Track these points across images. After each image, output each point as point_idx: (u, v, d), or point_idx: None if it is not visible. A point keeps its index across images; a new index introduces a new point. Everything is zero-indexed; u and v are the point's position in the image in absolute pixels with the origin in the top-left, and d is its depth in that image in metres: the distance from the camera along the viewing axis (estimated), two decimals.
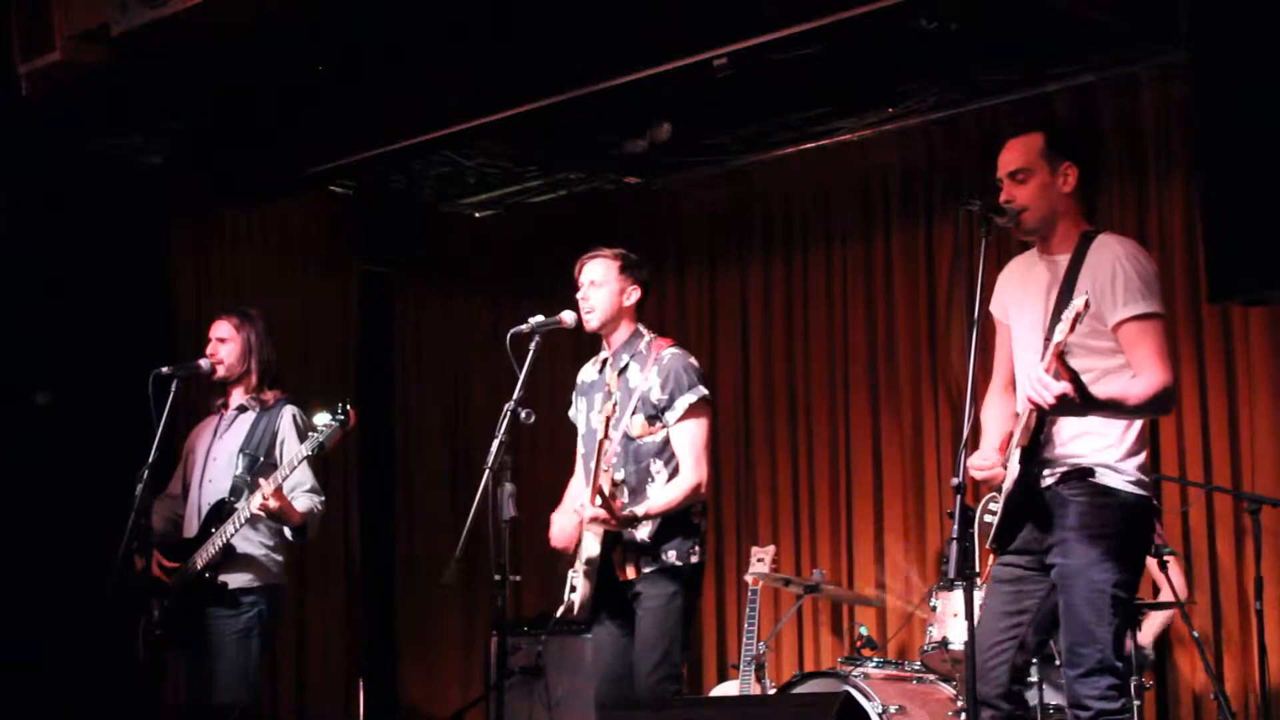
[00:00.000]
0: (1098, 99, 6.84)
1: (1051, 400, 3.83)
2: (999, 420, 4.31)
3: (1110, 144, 6.84)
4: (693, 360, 5.12)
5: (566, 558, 5.13)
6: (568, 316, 5.08)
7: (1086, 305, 3.78)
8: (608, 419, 4.87)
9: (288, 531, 5.67)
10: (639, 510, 4.91)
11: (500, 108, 6.52)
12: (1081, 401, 3.86)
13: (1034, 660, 4.21)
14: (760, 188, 8.04)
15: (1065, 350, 3.88)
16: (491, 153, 7.79)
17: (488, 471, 4.65)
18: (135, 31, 5.56)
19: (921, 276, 7.44)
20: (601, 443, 4.89)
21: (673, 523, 4.97)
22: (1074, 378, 3.84)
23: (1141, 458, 4.13)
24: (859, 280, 7.68)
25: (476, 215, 8.84)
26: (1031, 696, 5.42)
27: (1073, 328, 3.79)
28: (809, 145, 7.56)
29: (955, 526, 3.85)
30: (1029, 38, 6.29)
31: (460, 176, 8.15)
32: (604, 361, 5.20)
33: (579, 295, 5.11)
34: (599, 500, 4.84)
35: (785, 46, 5.80)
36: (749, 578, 6.52)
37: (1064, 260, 4.16)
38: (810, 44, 5.86)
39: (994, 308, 4.39)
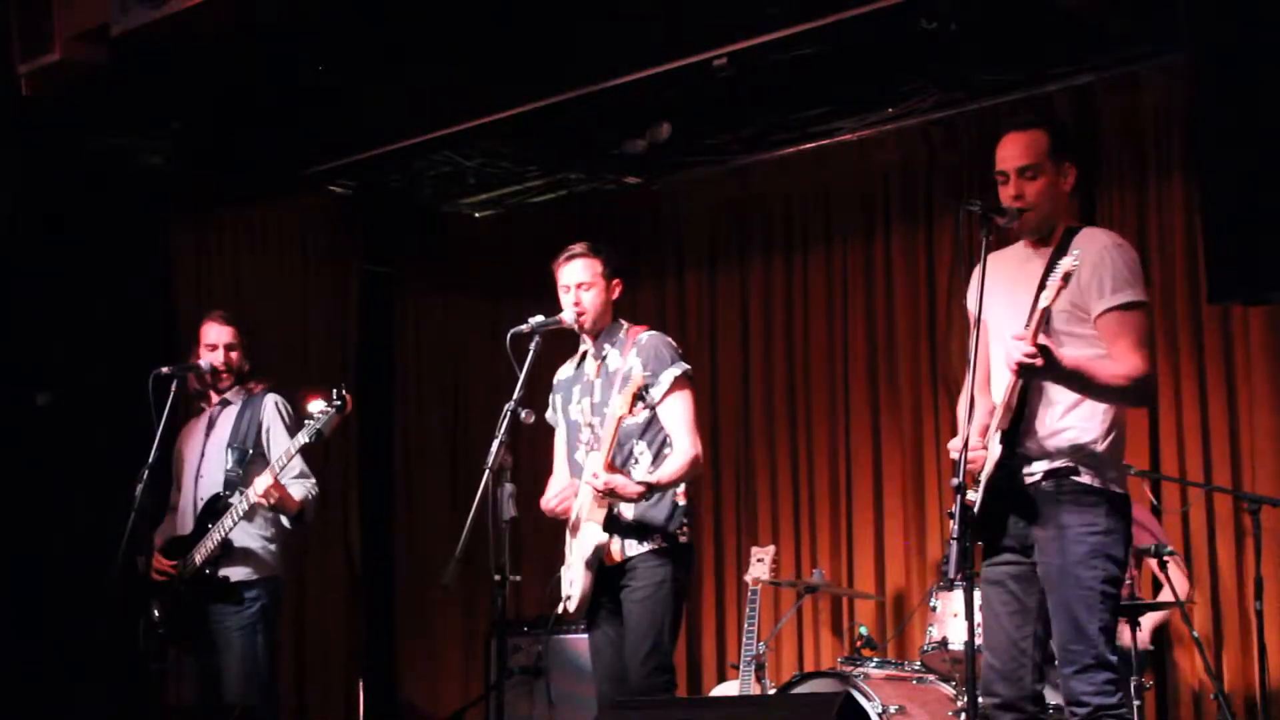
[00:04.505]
0: (1098, 99, 6.84)
1: (1028, 352, 3.86)
2: (978, 416, 4.31)
3: (1110, 144, 6.84)
4: (670, 340, 5.14)
5: (561, 554, 5.13)
6: (568, 316, 5.09)
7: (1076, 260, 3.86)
8: (634, 395, 4.82)
9: (285, 520, 5.69)
10: (650, 480, 4.89)
11: (500, 108, 6.53)
12: (1051, 364, 3.91)
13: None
14: (760, 188, 8.04)
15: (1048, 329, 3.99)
16: (491, 153, 7.79)
17: (488, 471, 4.66)
18: (135, 31, 5.57)
19: (921, 276, 7.43)
20: (621, 419, 4.86)
21: (658, 501, 4.96)
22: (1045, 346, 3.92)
23: (1121, 455, 4.18)
24: (859, 280, 7.68)
25: (476, 215, 8.84)
26: None
27: (1062, 287, 3.86)
28: (809, 145, 7.56)
29: (955, 526, 3.86)
30: (1029, 38, 6.30)
31: (460, 176, 8.15)
32: (582, 355, 5.21)
33: (569, 300, 5.10)
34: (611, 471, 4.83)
35: (785, 46, 5.80)
36: (749, 578, 6.52)
37: (1048, 250, 4.19)
38: (810, 44, 5.87)
39: (970, 303, 4.39)
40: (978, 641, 4.02)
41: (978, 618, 4.00)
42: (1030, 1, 5.94)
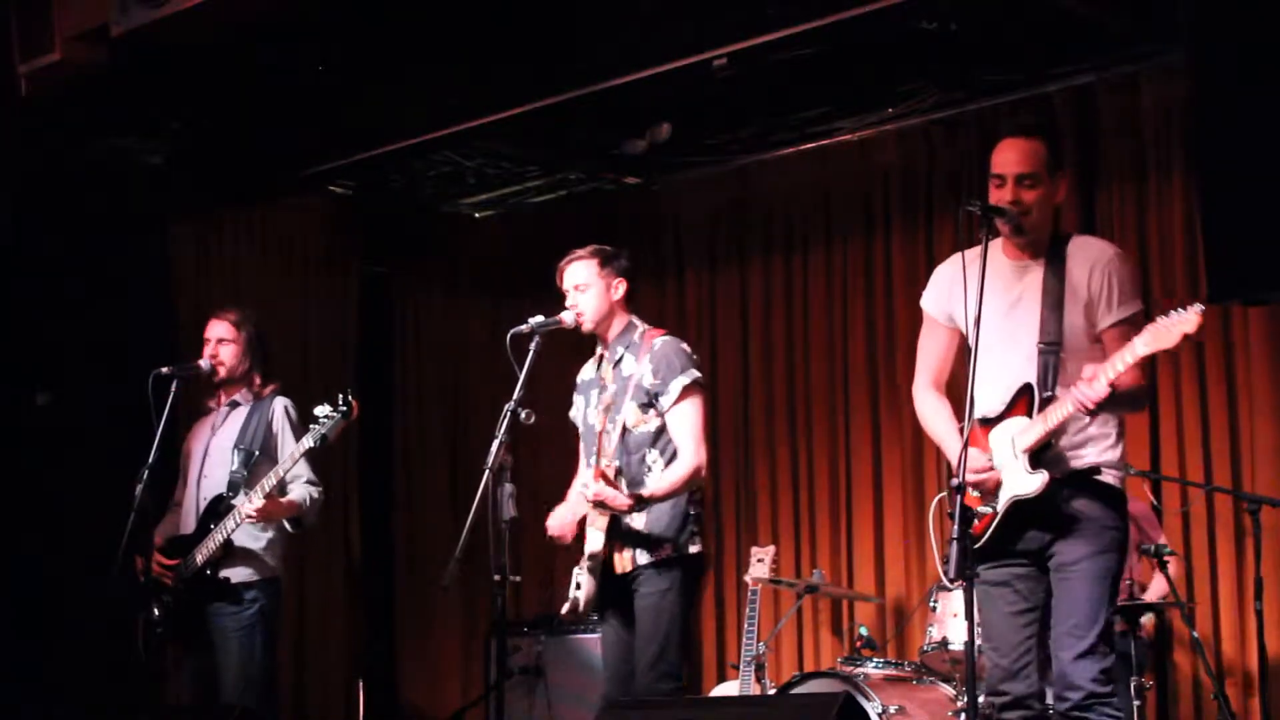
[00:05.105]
0: (1098, 99, 6.84)
1: (1104, 393, 3.90)
2: (951, 423, 4.32)
3: (1110, 144, 6.84)
4: (685, 346, 5.13)
5: (574, 554, 5.13)
6: (568, 317, 5.09)
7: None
8: (606, 408, 4.86)
9: (286, 522, 5.70)
10: (642, 493, 4.90)
11: (500, 108, 6.52)
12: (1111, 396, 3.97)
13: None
14: (760, 188, 8.03)
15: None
16: (491, 153, 7.79)
17: (488, 471, 4.66)
18: (135, 31, 5.57)
19: (921, 276, 7.34)
20: (600, 435, 4.89)
21: (668, 511, 4.96)
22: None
23: (1124, 457, 4.28)
24: (859, 280, 7.68)
25: (476, 215, 8.84)
26: None
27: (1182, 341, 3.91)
28: (809, 145, 7.55)
29: (955, 526, 3.87)
30: (1029, 38, 6.30)
31: (460, 176, 8.15)
32: (600, 357, 5.21)
33: (567, 302, 5.11)
34: (602, 481, 4.83)
35: (785, 46, 5.80)
36: (749, 578, 6.52)
37: (1040, 262, 4.20)
38: (810, 44, 5.86)
39: (931, 305, 4.40)
40: (978, 642, 4.04)
41: (977, 618, 4.01)
42: (1030, 1, 5.94)
